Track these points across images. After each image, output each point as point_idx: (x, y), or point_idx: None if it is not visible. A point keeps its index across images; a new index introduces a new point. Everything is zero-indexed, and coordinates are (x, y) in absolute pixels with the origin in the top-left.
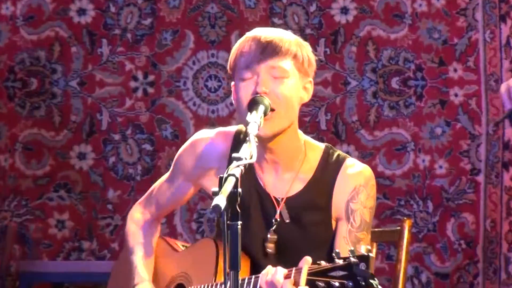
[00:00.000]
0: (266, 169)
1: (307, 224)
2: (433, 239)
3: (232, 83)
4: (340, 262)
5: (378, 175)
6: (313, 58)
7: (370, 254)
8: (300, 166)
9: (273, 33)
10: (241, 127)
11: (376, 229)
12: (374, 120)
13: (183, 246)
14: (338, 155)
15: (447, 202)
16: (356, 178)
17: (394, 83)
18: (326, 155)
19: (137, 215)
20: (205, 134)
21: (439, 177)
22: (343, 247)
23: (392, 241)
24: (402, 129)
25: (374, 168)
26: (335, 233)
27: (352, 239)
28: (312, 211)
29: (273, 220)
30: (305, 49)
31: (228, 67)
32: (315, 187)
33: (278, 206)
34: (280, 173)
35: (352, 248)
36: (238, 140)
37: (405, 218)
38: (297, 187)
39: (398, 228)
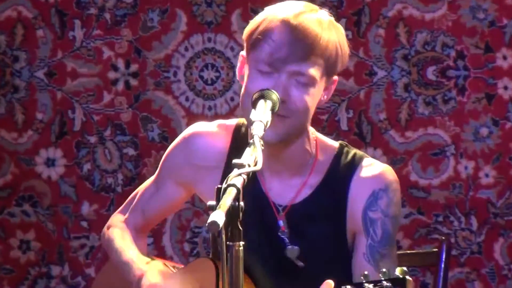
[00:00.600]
0: (270, 174)
1: (312, 237)
2: (477, 263)
3: (242, 52)
4: (370, 287)
5: (411, 185)
6: (347, 50)
7: (407, 277)
8: (311, 170)
9: (309, 21)
10: (242, 120)
11: (409, 251)
12: (406, 118)
13: (173, 267)
14: (354, 154)
15: (495, 218)
16: (374, 180)
17: (431, 73)
18: (339, 154)
19: (119, 224)
20: (200, 128)
21: (485, 187)
22: (363, 265)
23: (428, 266)
24: (440, 130)
25: (406, 177)
26: (352, 249)
27: (373, 256)
28: (320, 221)
29: (279, 233)
30: (340, 42)
31: (245, 34)
32: (324, 193)
33: (279, 215)
34: (286, 179)
35: (384, 270)
36: (238, 136)
37: (443, 237)
38: (305, 193)
39: (435, 250)
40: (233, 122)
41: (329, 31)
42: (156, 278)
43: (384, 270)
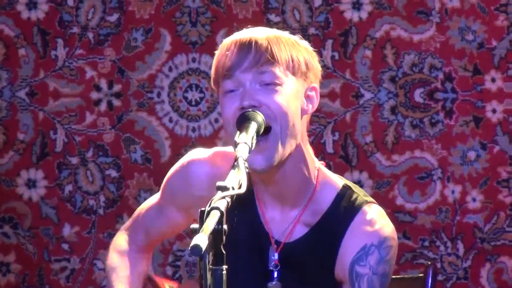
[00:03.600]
0: (269, 204)
1: (304, 279)
2: None
3: (219, 99)
4: None
5: (397, 210)
6: (313, 58)
7: None
8: (307, 204)
9: (257, 33)
10: None
11: (394, 276)
12: (393, 141)
13: (170, 287)
14: (356, 199)
15: (482, 244)
16: (368, 234)
17: (418, 96)
18: (341, 196)
19: (122, 242)
20: (198, 155)
21: (472, 212)
22: None
23: None
24: (427, 153)
25: (392, 201)
26: None
27: None
28: (312, 265)
29: (271, 267)
30: (302, 50)
31: (211, 81)
32: (319, 236)
33: (276, 250)
34: (286, 210)
35: None
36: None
37: (429, 262)
38: (300, 231)
39: (421, 275)
40: (232, 149)
41: (279, 40)
42: None
43: None
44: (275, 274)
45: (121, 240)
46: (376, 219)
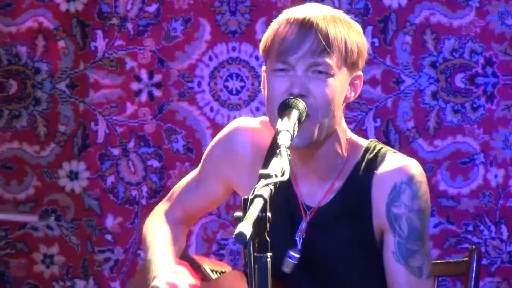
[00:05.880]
0: (301, 178)
1: (340, 240)
2: (508, 273)
3: (263, 67)
4: None
5: (440, 195)
6: (365, 44)
7: None
8: (340, 172)
9: (317, 13)
10: None
11: (439, 261)
12: (435, 126)
13: (212, 271)
14: (379, 150)
15: None
16: (395, 174)
17: (459, 80)
18: (366, 152)
19: (159, 216)
20: (243, 123)
21: None
22: (393, 264)
23: (458, 275)
24: (469, 138)
25: (434, 186)
26: (383, 249)
27: (403, 254)
28: (346, 223)
29: (297, 238)
30: (355, 35)
31: (260, 48)
32: (349, 193)
33: (305, 217)
34: (316, 183)
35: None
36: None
37: (473, 246)
38: (330, 196)
39: (465, 259)
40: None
41: (336, 24)
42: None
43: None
44: (299, 243)
45: (158, 213)
46: (399, 160)
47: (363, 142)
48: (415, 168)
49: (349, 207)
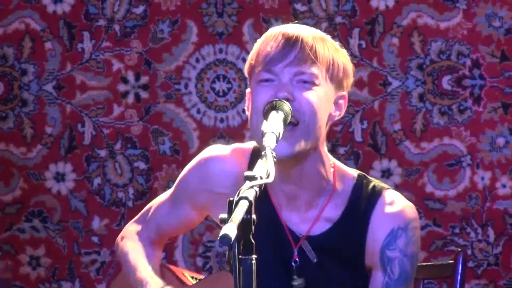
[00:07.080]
0: (285, 206)
1: (331, 272)
2: (495, 275)
3: (248, 90)
4: None
5: (426, 197)
6: (351, 68)
7: None
8: (327, 202)
9: (303, 30)
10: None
11: (425, 264)
12: (422, 129)
13: (192, 278)
14: (374, 186)
15: None
16: (394, 218)
17: (446, 83)
18: (359, 186)
19: (133, 235)
20: (217, 151)
21: (502, 198)
22: None
23: (445, 278)
24: (456, 140)
25: (421, 189)
26: (369, 284)
27: None
28: (339, 257)
29: (293, 263)
30: (342, 56)
31: (245, 69)
32: (344, 229)
33: (296, 245)
34: (302, 211)
35: None
36: (255, 161)
37: (459, 249)
38: (322, 227)
39: (452, 262)
40: (249, 145)
41: (324, 42)
42: None
43: None
44: (296, 271)
45: (131, 233)
46: (398, 202)
47: (351, 172)
48: (411, 213)
49: (343, 243)
